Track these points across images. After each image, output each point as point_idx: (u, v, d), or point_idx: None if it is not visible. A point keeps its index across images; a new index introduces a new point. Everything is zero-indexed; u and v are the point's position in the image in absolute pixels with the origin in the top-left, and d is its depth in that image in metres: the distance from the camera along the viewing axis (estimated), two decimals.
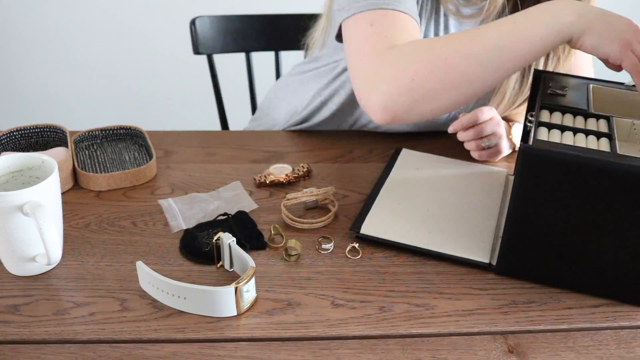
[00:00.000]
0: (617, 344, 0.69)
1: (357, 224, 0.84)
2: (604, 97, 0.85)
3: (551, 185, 0.68)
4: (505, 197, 0.91)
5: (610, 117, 0.79)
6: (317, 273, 0.78)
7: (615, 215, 0.68)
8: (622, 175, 0.66)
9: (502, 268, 0.77)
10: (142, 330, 0.68)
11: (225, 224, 0.85)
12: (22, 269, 0.75)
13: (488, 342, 0.68)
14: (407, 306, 0.73)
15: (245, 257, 0.73)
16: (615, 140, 0.73)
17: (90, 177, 0.93)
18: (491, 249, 0.80)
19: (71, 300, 0.72)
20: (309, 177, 0.97)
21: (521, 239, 0.74)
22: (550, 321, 0.71)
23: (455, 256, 0.79)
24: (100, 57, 2.22)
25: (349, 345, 0.67)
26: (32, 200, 0.70)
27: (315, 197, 0.88)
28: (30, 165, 0.78)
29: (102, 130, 1.06)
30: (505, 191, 0.92)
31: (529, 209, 0.71)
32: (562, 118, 0.80)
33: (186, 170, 1.00)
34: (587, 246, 0.71)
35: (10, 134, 1.00)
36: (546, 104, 0.81)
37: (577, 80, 0.89)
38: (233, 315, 0.70)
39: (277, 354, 0.66)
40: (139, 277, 0.74)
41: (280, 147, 1.08)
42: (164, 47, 2.16)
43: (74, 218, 0.87)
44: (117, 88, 2.29)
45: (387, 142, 1.09)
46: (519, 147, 0.68)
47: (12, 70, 2.23)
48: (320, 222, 0.85)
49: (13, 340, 0.67)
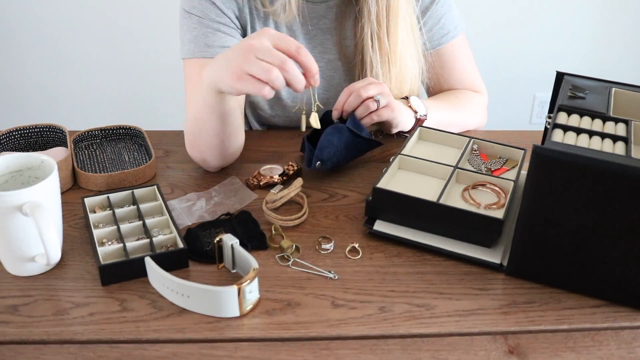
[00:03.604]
0: (617, 345, 0.68)
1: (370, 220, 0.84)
2: (626, 101, 0.85)
3: (563, 187, 0.68)
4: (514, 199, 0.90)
5: (629, 121, 0.78)
6: (317, 273, 0.77)
7: (626, 219, 0.67)
8: (633, 178, 0.65)
9: (513, 269, 0.77)
10: (142, 330, 0.68)
11: (227, 224, 0.85)
12: (22, 269, 0.75)
13: (488, 343, 0.68)
14: (407, 306, 0.73)
15: (249, 257, 0.73)
16: (631, 144, 0.73)
17: (90, 177, 0.92)
18: (503, 249, 0.80)
19: (70, 301, 0.72)
20: (299, 175, 0.97)
21: (532, 240, 0.73)
22: (551, 321, 0.71)
23: (467, 256, 0.79)
24: (100, 57, 2.22)
25: (349, 345, 0.67)
26: (32, 200, 0.70)
27: (295, 191, 0.88)
28: (29, 165, 0.78)
29: (101, 130, 1.06)
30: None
31: (541, 210, 0.71)
32: (579, 120, 0.79)
33: (186, 170, 0.99)
34: (598, 249, 0.70)
35: (10, 133, 1.00)
36: (565, 106, 0.81)
37: (600, 84, 0.88)
38: (236, 316, 0.70)
39: (277, 354, 0.66)
40: (147, 271, 0.74)
41: (280, 147, 1.08)
42: (164, 47, 2.16)
43: (74, 218, 0.87)
44: (117, 88, 2.29)
45: (387, 141, 1.09)
46: (532, 147, 0.68)
47: (11, 70, 2.23)
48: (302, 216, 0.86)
49: (12, 341, 0.67)
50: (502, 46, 2.33)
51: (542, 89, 2.44)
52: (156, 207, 0.86)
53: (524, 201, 0.72)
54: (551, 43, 2.36)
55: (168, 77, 2.24)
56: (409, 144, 0.94)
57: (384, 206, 0.82)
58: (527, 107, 2.50)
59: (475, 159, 0.93)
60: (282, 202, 0.88)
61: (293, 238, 0.82)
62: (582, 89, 0.85)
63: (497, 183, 0.86)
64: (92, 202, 0.86)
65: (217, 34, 1.02)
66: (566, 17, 2.33)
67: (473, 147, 0.95)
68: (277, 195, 0.87)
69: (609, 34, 2.38)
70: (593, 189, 0.67)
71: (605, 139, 0.75)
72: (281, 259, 0.80)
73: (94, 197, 0.86)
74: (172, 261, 0.76)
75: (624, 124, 0.78)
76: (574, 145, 0.71)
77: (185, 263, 0.78)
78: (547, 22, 2.32)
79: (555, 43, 2.36)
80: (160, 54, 2.20)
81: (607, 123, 0.79)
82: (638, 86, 0.87)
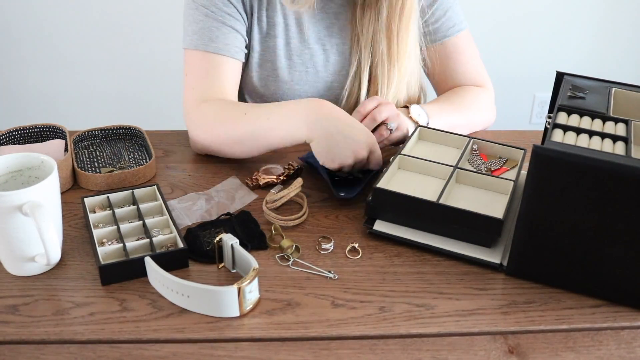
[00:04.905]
0: (617, 344, 0.68)
1: (370, 220, 0.84)
2: (626, 101, 0.85)
3: (563, 187, 0.68)
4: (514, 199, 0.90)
5: (629, 121, 0.78)
6: (317, 273, 0.77)
7: (626, 219, 0.67)
8: (633, 178, 0.65)
9: (513, 269, 0.77)
10: (142, 330, 0.68)
11: (227, 224, 0.85)
12: (22, 269, 0.75)
13: (488, 342, 0.68)
14: (407, 306, 0.73)
15: (249, 257, 0.73)
16: (631, 144, 0.73)
17: (90, 177, 0.92)
18: (503, 249, 0.80)
19: (70, 301, 0.72)
20: (299, 175, 0.97)
21: (532, 240, 0.73)
22: (551, 321, 0.71)
23: (467, 256, 0.79)
24: (100, 56, 2.22)
25: (349, 345, 0.67)
26: (32, 200, 0.70)
27: (295, 191, 0.88)
28: (29, 165, 0.78)
29: (101, 130, 1.06)
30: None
31: (541, 210, 0.71)
32: (579, 120, 0.79)
33: (186, 170, 1.00)
34: (598, 249, 0.70)
35: (10, 133, 1.00)
36: (564, 106, 0.81)
37: (600, 84, 0.88)
38: (236, 316, 0.70)
39: (277, 354, 0.66)
40: (147, 271, 0.74)
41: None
42: (164, 47, 2.16)
43: (74, 218, 0.87)
44: (116, 88, 2.29)
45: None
46: (532, 147, 0.68)
47: (11, 70, 2.23)
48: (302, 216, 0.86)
49: (12, 341, 0.67)
50: (502, 46, 2.33)
51: (542, 89, 2.44)
52: (156, 207, 0.86)
53: (524, 201, 0.72)
54: (551, 43, 2.36)
55: (168, 77, 2.24)
56: (409, 144, 0.94)
57: (384, 206, 0.82)
58: (527, 107, 2.50)
59: (475, 159, 0.93)
60: (282, 202, 0.88)
61: (293, 238, 0.82)
62: (582, 89, 0.85)
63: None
64: (92, 202, 0.86)
65: (221, 28, 1.03)
66: (566, 17, 2.33)
67: (473, 147, 0.95)
68: (277, 195, 0.87)
69: (609, 34, 2.38)
70: (593, 189, 0.67)
71: (605, 139, 0.75)
72: (281, 259, 0.80)
73: (94, 197, 0.86)
74: (172, 261, 0.76)
75: (624, 124, 0.78)
76: (574, 145, 0.71)
77: (185, 263, 0.78)
78: (547, 22, 2.32)
79: (555, 43, 2.36)
80: (161, 54, 2.20)
81: (607, 123, 0.79)
82: (638, 86, 0.87)
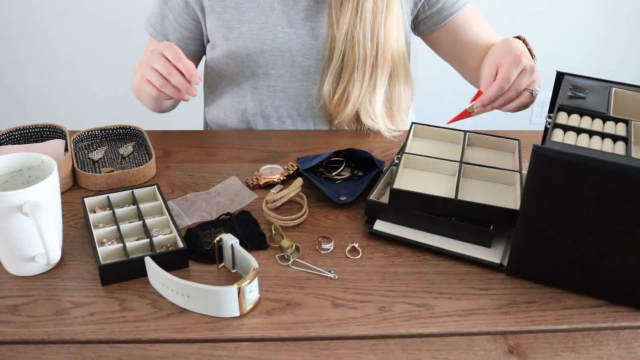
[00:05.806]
0: (617, 344, 0.68)
1: (370, 219, 0.84)
2: (626, 101, 0.85)
3: (563, 187, 0.68)
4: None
5: (629, 121, 0.78)
6: (317, 273, 0.77)
7: (626, 219, 0.67)
8: (633, 178, 0.65)
9: (513, 269, 0.77)
10: (142, 330, 0.68)
11: (227, 224, 0.85)
12: (22, 269, 0.75)
13: (488, 342, 0.68)
14: (407, 306, 0.73)
15: (249, 257, 0.73)
16: (631, 144, 0.72)
17: (90, 177, 0.92)
18: (503, 249, 0.80)
19: (70, 300, 0.72)
20: (299, 175, 0.97)
21: (532, 240, 0.73)
22: (551, 321, 0.71)
23: (467, 256, 0.79)
24: (100, 57, 2.22)
25: (349, 345, 0.67)
26: (32, 200, 0.70)
27: (295, 191, 0.88)
28: (29, 165, 0.78)
29: (101, 130, 1.06)
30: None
31: (541, 210, 0.71)
32: (579, 120, 0.79)
33: (186, 170, 1.00)
34: (598, 249, 0.70)
35: (10, 133, 1.00)
36: (565, 105, 0.81)
37: (600, 84, 0.88)
38: (235, 316, 0.70)
39: (277, 354, 0.66)
40: (147, 271, 0.74)
41: (280, 147, 1.08)
42: None
43: (74, 218, 0.87)
44: (116, 88, 2.28)
45: (387, 141, 1.09)
46: (532, 147, 0.68)
47: (11, 70, 2.23)
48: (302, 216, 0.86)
49: (12, 341, 0.67)
50: None
51: (542, 89, 2.42)
52: (156, 207, 0.86)
53: (523, 201, 0.72)
54: (551, 43, 2.36)
55: None
56: (408, 142, 0.94)
57: (403, 207, 0.82)
58: None
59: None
60: (282, 202, 0.88)
61: (293, 238, 0.82)
62: (582, 88, 0.85)
63: None
64: (92, 202, 0.86)
65: (166, 18, 1.17)
66: (566, 17, 2.33)
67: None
68: (277, 195, 0.87)
69: (609, 34, 2.38)
70: (593, 189, 0.67)
71: (605, 138, 0.75)
72: (281, 259, 0.80)
73: (94, 197, 0.86)
74: (172, 261, 0.76)
75: (624, 123, 0.78)
76: (574, 145, 0.71)
77: (185, 263, 0.78)
78: (547, 22, 2.32)
79: (555, 43, 2.36)
80: None
81: (607, 123, 0.79)
82: (638, 86, 0.87)
